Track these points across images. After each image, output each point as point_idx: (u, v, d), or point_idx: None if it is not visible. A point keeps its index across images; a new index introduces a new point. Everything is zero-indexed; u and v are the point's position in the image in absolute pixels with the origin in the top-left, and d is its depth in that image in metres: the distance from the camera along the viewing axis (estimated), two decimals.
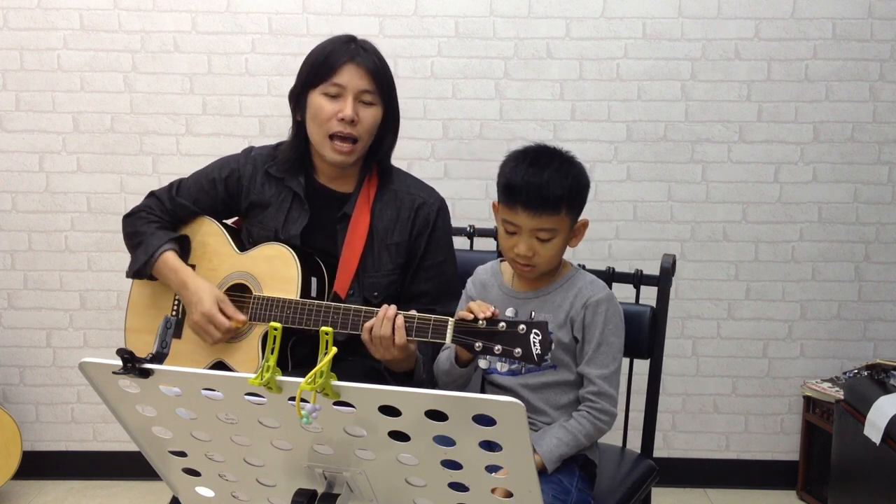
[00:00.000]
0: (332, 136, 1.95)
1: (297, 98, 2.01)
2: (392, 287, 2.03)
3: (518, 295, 1.89)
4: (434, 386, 1.94)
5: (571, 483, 1.79)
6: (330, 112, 1.93)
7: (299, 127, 2.03)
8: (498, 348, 1.60)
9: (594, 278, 1.89)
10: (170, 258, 2.01)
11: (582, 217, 1.85)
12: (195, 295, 1.95)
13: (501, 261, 1.95)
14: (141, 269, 2.03)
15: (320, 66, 1.95)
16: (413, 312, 1.74)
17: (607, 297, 1.84)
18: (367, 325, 1.77)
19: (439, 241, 2.06)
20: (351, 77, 1.93)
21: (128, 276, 2.08)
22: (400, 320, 1.74)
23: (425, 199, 2.05)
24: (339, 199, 2.04)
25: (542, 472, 1.76)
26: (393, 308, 1.76)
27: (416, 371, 1.93)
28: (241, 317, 1.94)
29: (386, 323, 1.74)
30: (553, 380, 1.85)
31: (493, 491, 1.23)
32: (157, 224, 2.07)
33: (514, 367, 1.87)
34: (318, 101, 1.95)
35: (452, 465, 1.22)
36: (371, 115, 1.97)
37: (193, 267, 2.05)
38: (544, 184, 1.75)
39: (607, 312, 1.82)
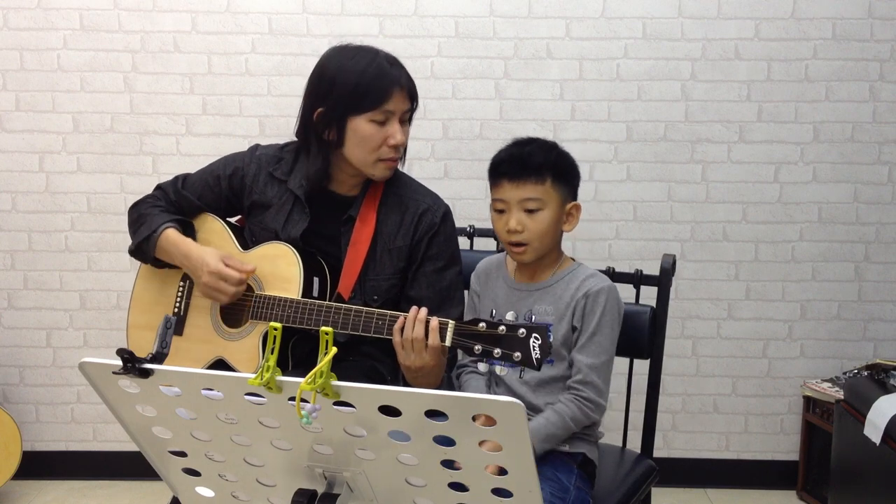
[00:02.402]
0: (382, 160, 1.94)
1: (331, 121, 1.93)
2: (392, 291, 2.03)
3: (521, 287, 1.91)
4: None
5: (570, 481, 1.79)
6: (380, 139, 1.91)
7: (325, 146, 1.96)
8: (497, 352, 1.60)
9: (596, 271, 1.91)
10: (171, 234, 2.01)
11: (582, 213, 1.88)
12: (198, 260, 1.95)
13: (507, 254, 1.96)
14: (143, 245, 2.03)
15: (365, 93, 1.89)
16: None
17: (608, 288, 1.86)
18: (397, 326, 1.76)
19: (441, 246, 2.04)
20: (399, 102, 1.92)
21: (129, 252, 2.09)
22: (435, 322, 1.71)
23: (430, 204, 2.04)
24: (343, 202, 2.04)
25: None
26: (424, 310, 1.75)
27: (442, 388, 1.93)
28: (249, 266, 1.94)
29: (418, 325, 1.73)
30: (550, 375, 1.85)
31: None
32: (162, 209, 2.09)
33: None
34: (365, 128, 1.90)
35: (452, 465, 1.22)
36: (408, 132, 1.98)
37: None
38: (526, 154, 1.84)
39: (606, 303, 1.83)
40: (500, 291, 1.93)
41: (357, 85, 1.90)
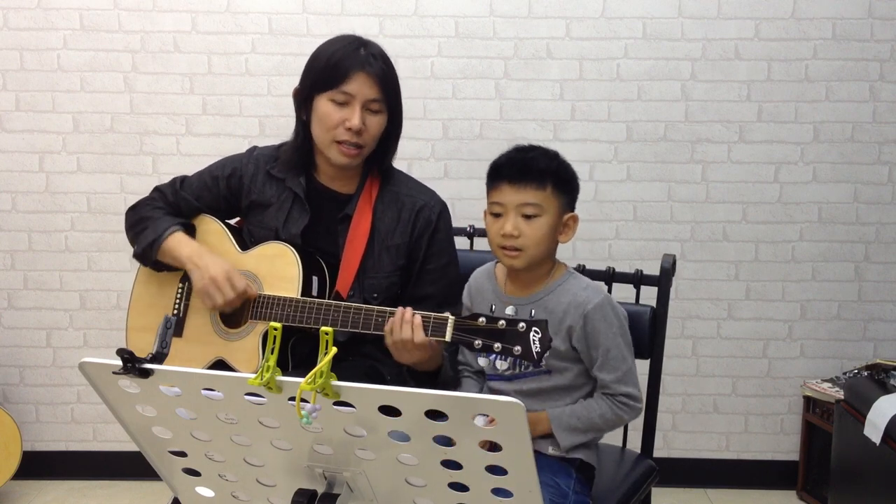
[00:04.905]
0: (338, 142, 1.95)
1: (304, 99, 1.99)
2: (392, 289, 2.03)
3: (511, 300, 1.87)
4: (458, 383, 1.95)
5: (568, 486, 1.78)
6: (337, 119, 1.93)
7: (304, 126, 2.02)
8: (497, 346, 1.60)
9: (588, 282, 1.86)
10: (181, 236, 2.01)
11: (580, 217, 1.85)
12: (214, 258, 1.94)
13: (497, 262, 1.93)
14: (148, 248, 2.02)
15: (329, 73, 1.93)
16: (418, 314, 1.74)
17: (605, 301, 1.81)
18: (387, 328, 1.76)
19: (442, 244, 2.06)
20: (360, 86, 1.92)
21: (134, 255, 2.08)
22: (417, 319, 1.72)
23: (426, 201, 2.05)
24: (341, 200, 2.05)
25: (549, 435, 1.78)
26: (409, 310, 1.74)
27: (444, 369, 1.92)
28: (254, 290, 1.94)
29: (405, 327, 1.73)
30: (549, 385, 1.83)
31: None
32: (164, 211, 2.09)
33: (507, 372, 1.86)
34: (325, 106, 1.94)
35: (452, 465, 1.22)
36: (377, 123, 1.97)
37: None
38: (528, 159, 1.80)
39: (608, 316, 1.79)
40: (492, 304, 1.89)
41: (323, 66, 1.95)
